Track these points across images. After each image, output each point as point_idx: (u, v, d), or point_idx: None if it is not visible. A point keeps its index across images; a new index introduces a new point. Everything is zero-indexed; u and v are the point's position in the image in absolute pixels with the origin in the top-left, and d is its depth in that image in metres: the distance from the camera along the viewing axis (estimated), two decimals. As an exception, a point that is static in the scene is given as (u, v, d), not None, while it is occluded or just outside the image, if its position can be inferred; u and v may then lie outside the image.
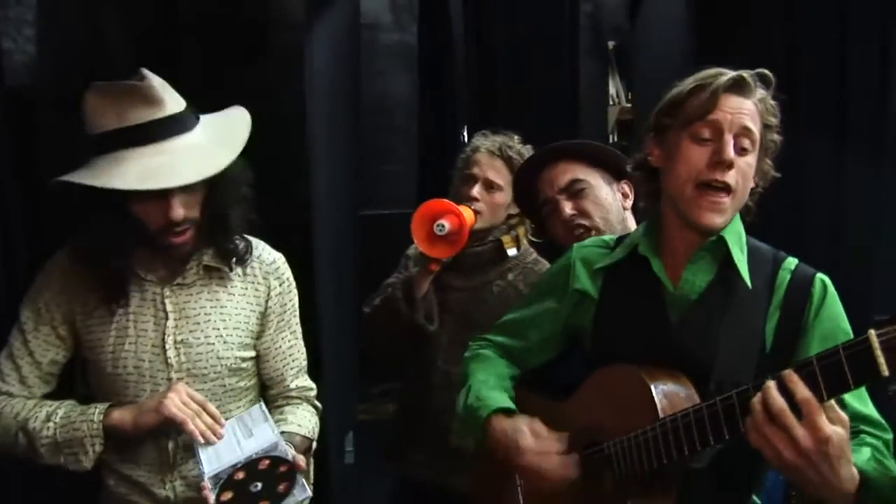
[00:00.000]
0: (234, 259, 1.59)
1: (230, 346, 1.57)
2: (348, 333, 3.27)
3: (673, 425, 1.21)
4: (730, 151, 1.28)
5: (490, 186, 2.15)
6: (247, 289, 1.63)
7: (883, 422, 1.28)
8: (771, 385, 1.06)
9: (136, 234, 1.46)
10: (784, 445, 1.04)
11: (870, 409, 1.28)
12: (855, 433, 1.23)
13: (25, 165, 2.67)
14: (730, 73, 1.32)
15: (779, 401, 1.04)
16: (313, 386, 1.79)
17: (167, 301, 1.53)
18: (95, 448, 1.47)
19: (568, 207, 1.89)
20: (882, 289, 2.42)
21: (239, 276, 1.62)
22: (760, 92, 1.34)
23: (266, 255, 1.67)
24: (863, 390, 1.27)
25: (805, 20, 2.90)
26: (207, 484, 1.43)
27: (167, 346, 1.52)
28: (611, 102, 3.81)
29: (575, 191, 1.89)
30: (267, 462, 1.50)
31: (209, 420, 1.48)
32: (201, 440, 1.46)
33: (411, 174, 3.65)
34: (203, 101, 1.58)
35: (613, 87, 3.84)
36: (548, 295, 1.59)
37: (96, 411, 1.48)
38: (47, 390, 1.57)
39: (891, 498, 1.14)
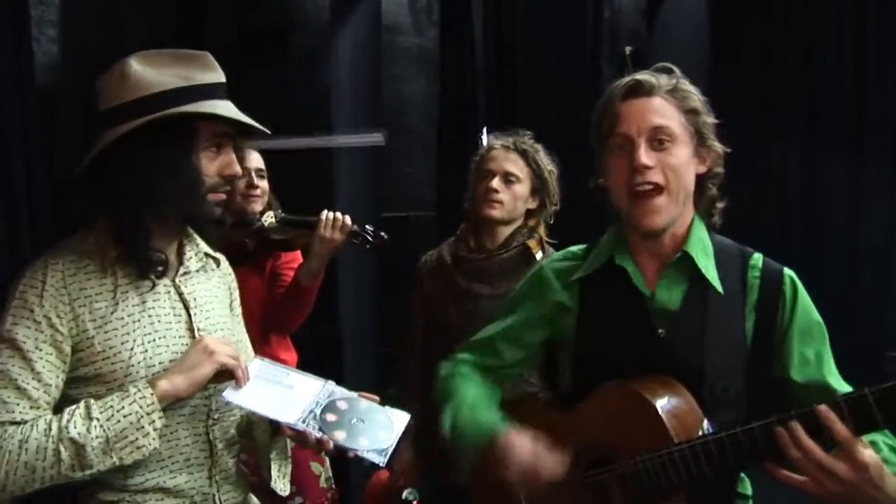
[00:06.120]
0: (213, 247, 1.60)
1: (231, 332, 1.58)
2: (369, 334, 3.29)
3: (692, 451, 1.24)
4: (640, 155, 1.33)
5: (508, 179, 2.19)
6: (221, 278, 1.63)
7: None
8: (798, 428, 1.12)
9: (201, 186, 1.40)
10: (829, 481, 1.11)
11: None
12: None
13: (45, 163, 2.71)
14: (623, 81, 1.39)
15: (814, 448, 1.11)
16: None
17: (182, 290, 1.49)
18: (155, 425, 1.32)
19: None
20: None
21: (213, 267, 1.61)
22: (667, 83, 1.37)
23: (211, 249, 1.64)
24: None
25: (822, 25, 2.91)
26: (300, 426, 1.44)
27: (196, 336, 1.46)
28: (626, 107, 3.82)
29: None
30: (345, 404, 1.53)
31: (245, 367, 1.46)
32: (243, 385, 1.42)
33: (430, 178, 3.67)
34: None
35: (629, 92, 3.85)
36: (520, 312, 1.59)
37: (139, 389, 1.33)
38: None
39: None
